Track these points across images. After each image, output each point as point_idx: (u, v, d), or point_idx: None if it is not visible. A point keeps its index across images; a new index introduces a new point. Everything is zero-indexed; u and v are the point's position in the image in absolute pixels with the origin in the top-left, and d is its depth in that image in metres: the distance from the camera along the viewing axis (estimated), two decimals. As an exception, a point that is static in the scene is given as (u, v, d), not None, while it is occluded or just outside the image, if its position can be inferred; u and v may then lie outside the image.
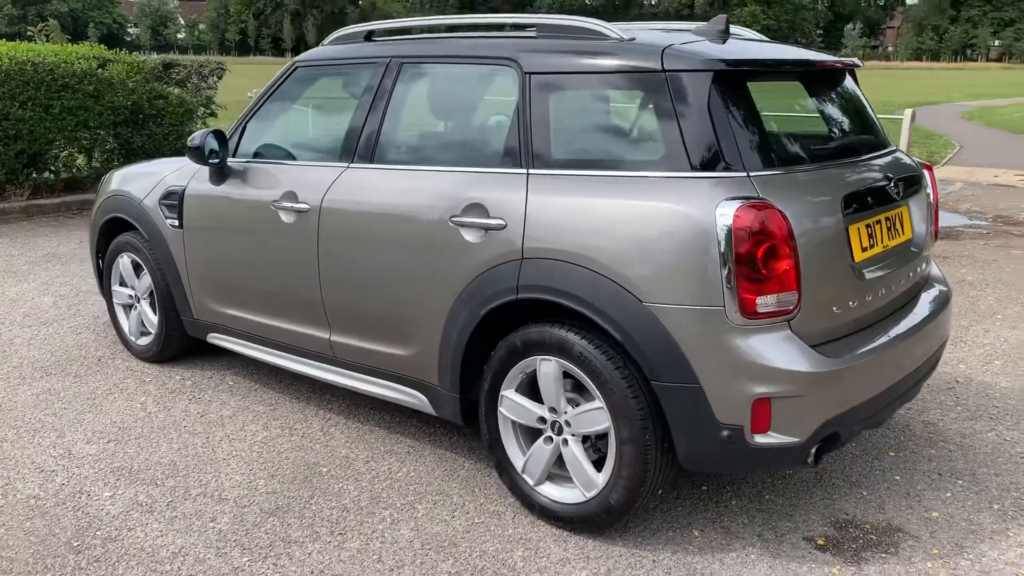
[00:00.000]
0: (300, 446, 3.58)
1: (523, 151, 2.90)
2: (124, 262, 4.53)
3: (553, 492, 2.93)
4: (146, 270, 4.39)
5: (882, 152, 3.12)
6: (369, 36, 3.61)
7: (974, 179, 10.94)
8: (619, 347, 2.66)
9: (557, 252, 2.72)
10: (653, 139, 2.71)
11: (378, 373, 3.43)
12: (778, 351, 2.51)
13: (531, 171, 2.87)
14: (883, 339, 2.82)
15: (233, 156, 3.88)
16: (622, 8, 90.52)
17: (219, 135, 3.80)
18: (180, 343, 4.44)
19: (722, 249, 2.46)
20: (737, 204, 2.47)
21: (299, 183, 3.54)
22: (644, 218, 2.59)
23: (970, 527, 2.94)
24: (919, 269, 3.19)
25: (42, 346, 4.79)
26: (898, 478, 3.28)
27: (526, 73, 2.94)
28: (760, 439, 2.53)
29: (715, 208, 2.49)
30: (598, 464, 2.83)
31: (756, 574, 2.68)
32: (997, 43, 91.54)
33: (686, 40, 2.81)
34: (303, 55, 3.79)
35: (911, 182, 3.14)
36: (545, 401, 2.89)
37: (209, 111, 9.55)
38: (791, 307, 2.52)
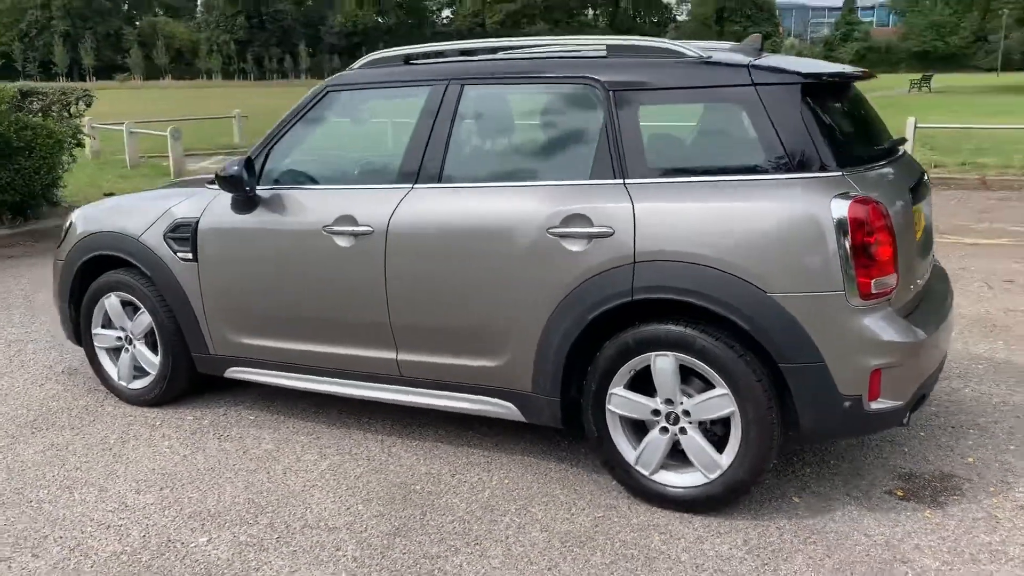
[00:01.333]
0: (374, 468, 3.57)
1: (615, 163, 3.10)
2: (111, 302, 4.26)
3: (671, 479, 3.14)
4: (144, 309, 4.16)
5: (903, 150, 3.59)
6: (408, 60, 3.66)
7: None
8: (741, 336, 2.92)
9: (675, 254, 2.94)
10: (749, 145, 2.99)
11: (455, 387, 3.49)
12: (888, 327, 2.86)
13: (627, 181, 3.08)
14: (938, 314, 3.25)
15: (259, 184, 3.79)
16: (416, 27, 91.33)
17: (249, 163, 3.70)
18: (185, 382, 4.24)
19: (839, 240, 2.79)
20: (847, 200, 2.81)
21: (355, 207, 3.53)
22: (760, 216, 2.87)
23: (1004, 467, 3.44)
24: (934, 253, 3.68)
25: (7, 402, 4.40)
26: (923, 434, 3.75)
27: (609, 90, 3.14)
28: (874, 405, 2.88)
29: (828, 204, 2.81)
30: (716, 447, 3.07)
31: (867, 527, 3.02)
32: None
33: (754, 57, 3.12)
34: (335, 79, 3.77)
35: (925, 175, 3.62)
36: (659, 394, 3.09)
37: (76, 141, 8.89)
38: (892, 288, 2.89)
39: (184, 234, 3.95)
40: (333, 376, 3.77)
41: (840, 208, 2.80)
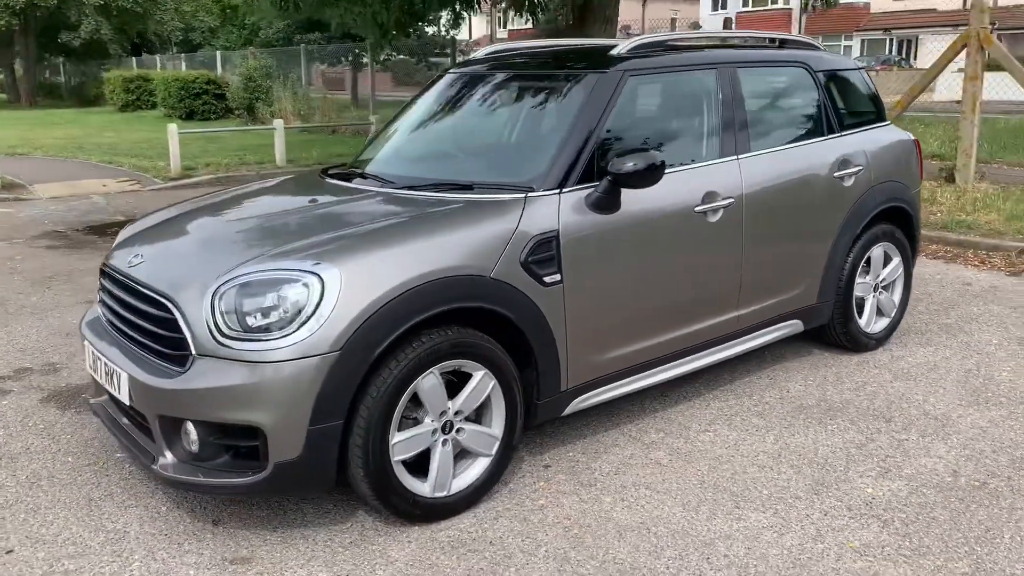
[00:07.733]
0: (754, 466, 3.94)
1: (835, 122, 4.45)
2: (429, 384, 2.97)
3: (875, 328, 4.73)
4: (483, 371, 3.08)
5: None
6: (665, 45, 3.93)
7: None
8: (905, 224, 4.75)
9: (888, 177, 4.57)
10: (869, 107, 4.75)
11: (767, 323, 4.18)
12: None
13: (843, 133, 4.47)
14: None
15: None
16: None
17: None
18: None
19: (917, 155, 4.91)
20: (911, 135, 4.94)
21: (712, 182, 3.77)
22: (897, 147, 4.75)
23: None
24: None
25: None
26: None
27: (816, 71, 4.41)
28: None
29: (909, 136, 4.89)
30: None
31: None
32: None
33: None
34: (626, 64, 3.63)
35: None
36: (871, 274, 4.63)
37: None
38: (909, 182, 5.14)
39: (547, 252, 3.24)
40: (678, 358, 3.81)
41: (910, 137, 4.91)
